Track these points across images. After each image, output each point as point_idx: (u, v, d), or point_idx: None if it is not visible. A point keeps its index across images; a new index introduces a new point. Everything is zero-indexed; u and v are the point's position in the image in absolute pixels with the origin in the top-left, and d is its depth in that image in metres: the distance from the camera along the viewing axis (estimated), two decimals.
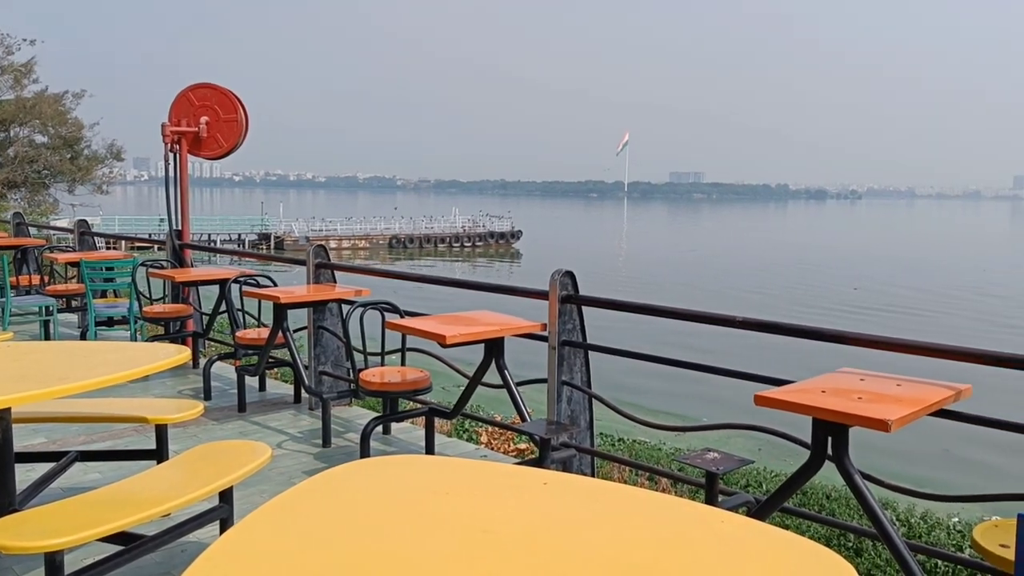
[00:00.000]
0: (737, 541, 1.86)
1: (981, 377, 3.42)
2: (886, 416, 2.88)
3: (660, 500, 2.14)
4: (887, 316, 24.12)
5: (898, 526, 7.10)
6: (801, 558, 1.78)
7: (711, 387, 12.02)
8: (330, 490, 2.18)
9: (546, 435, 4.19)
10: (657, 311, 4.49)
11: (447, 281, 5.96)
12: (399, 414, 5.43)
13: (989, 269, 41.52)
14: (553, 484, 2.20)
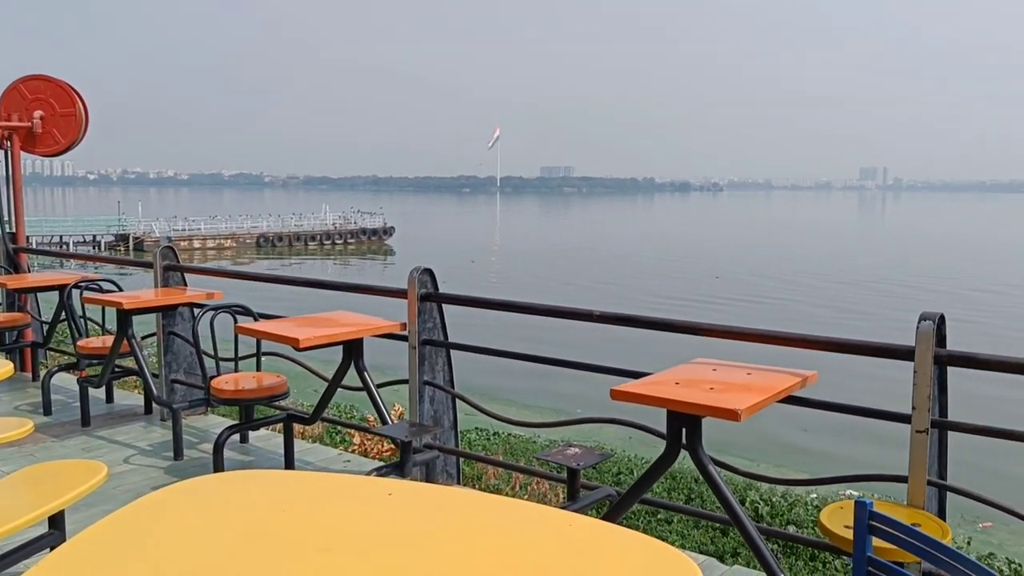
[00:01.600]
0: (585, 544, 1.82)
1: (826, 362, 3.54)
2: (736, 406, 2.92)
3: (508, 505, 2.07)
4: (746, 305, 25.11)
5: (762, 505, 7.37)
6: (647, 559, 1.75)
7: (582, 381, 12.22)
8: (161, 510, 2.02)
9: (407, 437, 4.08)
10: (516, 307, 4.45)
11: (302, 281, 5.75)
12: (255, 422, 5.20)
13: (839, 256, 43.89)
14: (399, 495, 2.10)
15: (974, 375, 3.23)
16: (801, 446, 11.64)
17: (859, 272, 35.52)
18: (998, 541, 8.41)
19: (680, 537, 6.34)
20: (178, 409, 5.32)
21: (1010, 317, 24.04)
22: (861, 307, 25.24)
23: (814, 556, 5.85)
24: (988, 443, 3.25)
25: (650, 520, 6.75)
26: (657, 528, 6.58)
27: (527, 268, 37.77)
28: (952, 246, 51.47)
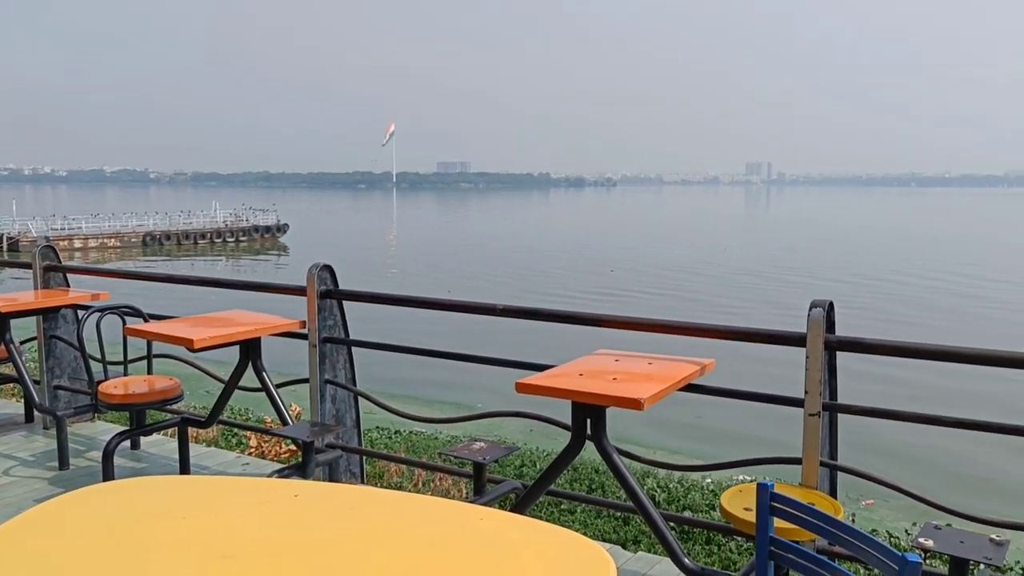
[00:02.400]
0: (497, 537, 1.81)
1: (722, 350, 3.64)
2: (639, 395, 2.97)
3: (418, 502, 2.05)
4: (640, 297, 25.64)
5: (659, 492, 7.53)
6: (560, 549, 1.76)
7: (486, 376, 12.22)
8: (47, 524, 1.91)
9: (309, 438, 4.00)
10: (418, 303, 4.42)
11: (196, 280, 5.56)
12: (147, 427, 5.00)
13: (730, 248, 45.33)
14: (304, 496, 2.05)
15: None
16: (697, 433, 11.95)
17: (745, 263, 36.74)
18: (879, 517, 8.82)
19: (583, 527, 6.42)
20: (62, 416, 5.06)
21: (888, 303, 25.27)
22: (750, 297, 26.10)
23: (709, 540, 6.01)
24: (881, 424, 3.40)
25: (553, 511, 6.81)
26: (561, 519, 6.65)
27: (427, 264, 37.61)
28: (833, 238, 53.77)
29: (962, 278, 30.63)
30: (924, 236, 54.70)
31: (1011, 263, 37.23)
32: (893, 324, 20.78)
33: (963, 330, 20.58)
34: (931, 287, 28.18)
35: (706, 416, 12.12)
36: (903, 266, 34.92)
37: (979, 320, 22.23)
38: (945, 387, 13.44)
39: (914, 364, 11.68)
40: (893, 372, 13.88)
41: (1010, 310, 23.78)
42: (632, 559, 3.98)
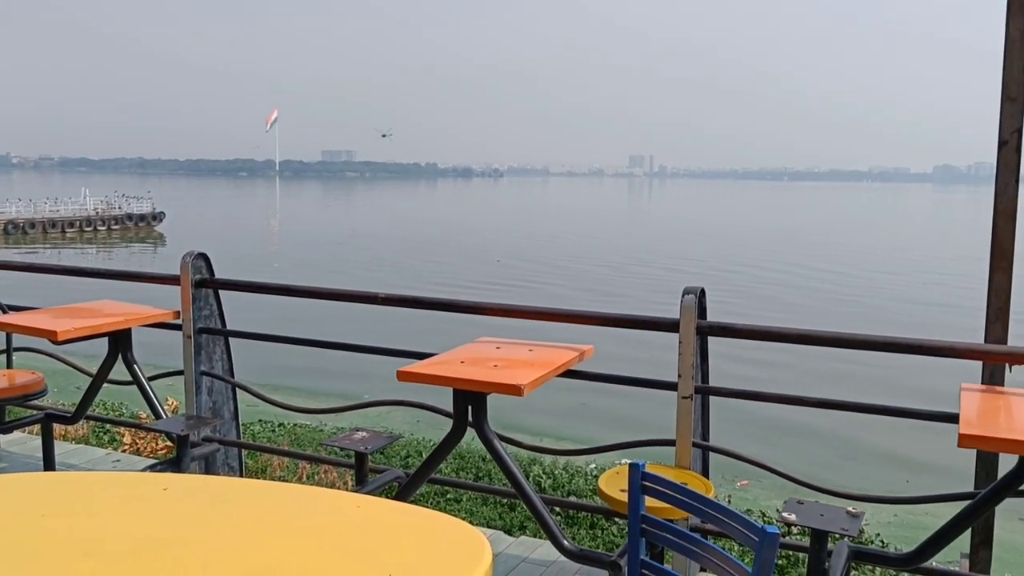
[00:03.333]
0: (374, 524, 1.81)
1: (600, 338, 3.72)
2: (519, 381, 3.01)
3: (292, 492, 2.02)
4: (526, 288, 25.90)
5: (544, 479, 7.64)
6: (436, 533, 1.77)
7: (370, 365, 12.06)
8: None
9: (183, 431, 3.87)
10: (298, 292, 4.34)
11: (60, 269, 5.29)
12: (7, 424, 4.73)
13: (611, 237, 46.29)
14: (174, 489, 1.99)
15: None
16: (584, 419, 12.18)
17: (628, 252, 37.62)
18: (753, 496, 9.20)
19: (469, 514, 6.46)
20: None
21: (753, 291, 26.33)
22: (631, 284, 26.73)
23: (594, 524, 6.14)
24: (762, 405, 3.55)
25: (439, 500, 6.82)
26: (446, 507, 6.66)
27: (311, 254, 36.90)
28: (708, 230, 55.57)
29: (815, 271, 32.14)
30: (790, 230, 57.15)
31: (858, 256, 39.29)
32: (765, 310, 21.67)
33: (821, 317, 21.59)
34: (792, 278, 29.50)
35: (591, 402, 12.36)
36: (766, 258, 36.38)
37: (837, 308, 23.39)
38: (823, 369, 14.08)
39: (798, 349, 12.25)
40: (779, 357, 14.42)
41: (862, 299, 25.07)
42: (514, 543, 4.03)
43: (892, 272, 31.06)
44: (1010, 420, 2.89)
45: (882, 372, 13.29)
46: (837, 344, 3.24)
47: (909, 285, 27.39)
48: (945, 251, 39.27)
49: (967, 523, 2.94)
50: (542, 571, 3.71)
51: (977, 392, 3.06)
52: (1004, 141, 3.02)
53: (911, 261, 35.63)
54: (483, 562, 1.61)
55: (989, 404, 2.95)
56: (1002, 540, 7.52)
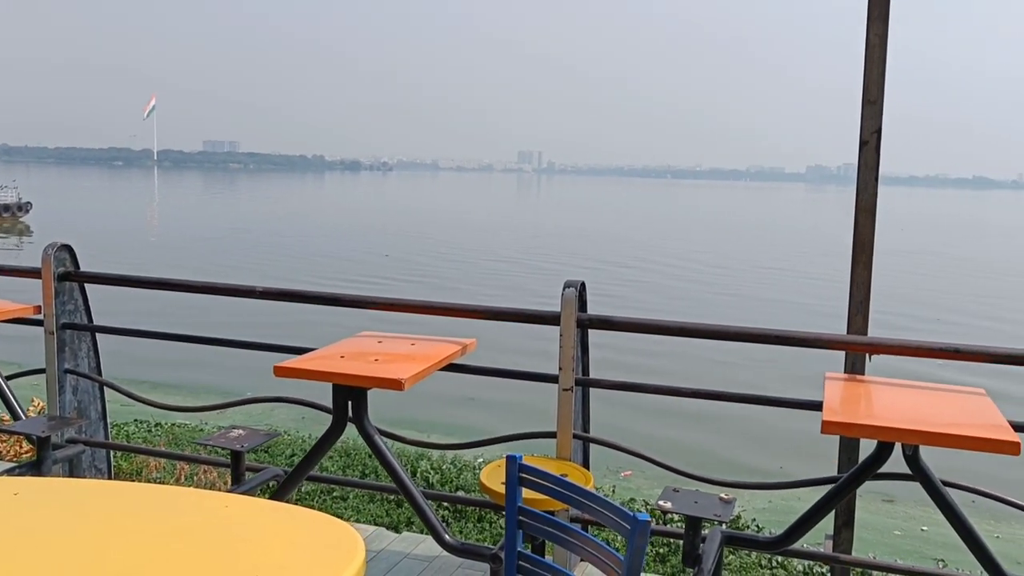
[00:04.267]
0: (242, 524, 1.75)
1: (483, 331, 3.73)
2: (400, 375, 2.98)
3: (156, 493, 1.94)
4: (414, 283, 25.75)
5: (432, 474, 7.61)
6: (308, 531, 1.73)
7: (251, 361, 11.70)
8: None
9: (44, 433, 3.66)
10: (172, 285, 4.17)
11: None
12: None
13: (501, 233, 46.50)
14: (27, 493, 1.88)
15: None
16: (471, 412, 12.19)
17: (516, 246, 37.91)
18: (636, 486, 9.42)
19: (356, 512, 6.38)
20: None
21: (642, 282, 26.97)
22: (518, 278, 26.94)
23: (482, 517, 6.16)
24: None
25: (325, 498, 6.71)
26: (333, 505, 6.56)
27: (190, 248, 35.64)
28: (596, 224, 56.56)
29: (699, 265, 33.17)
30: (676, 225, 58.80)
31: (735, 250, 40.74)
32: (649, 304, 22.21)
33: (697, 310, 22.28)
34: (673, 271, 30.33)
35: (480, 396, 12.39)
36: (649, 252, 37.28)
37: (709, 301, 24.19)
38: (734, 360, 14.47)
39: (694, 342, 12.57)
40: (675, 349, 14.74)
41: (731, 292, 25.98)
42: (397, 540, 3.99)
43: (767, 267, 32.32)
44: (870, 407, 3.04)
45: (770, 361, 13.80)
46: (712, 336, 3.34)
47: (781, 280, 28.54)
48: (811, 247, 41.09)
49: (830, 506, 3.07)
50: (424, 566, 3.69)
51: (840, 381, 3.20)
52: (864, 141, 3.18)
53: (783, 257, 37.14)
54: (355, 559, 1.59)
55: (851, 392, 3.10)
56: (864, 520, 7.95)
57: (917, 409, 2.86)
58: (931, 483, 2.89)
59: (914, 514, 8.42)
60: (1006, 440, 2.51)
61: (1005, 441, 2.51)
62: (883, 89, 3.17)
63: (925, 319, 19.90)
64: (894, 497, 8.84)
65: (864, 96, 3.18)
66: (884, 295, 21.76)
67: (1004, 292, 25.32)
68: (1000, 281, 28.17)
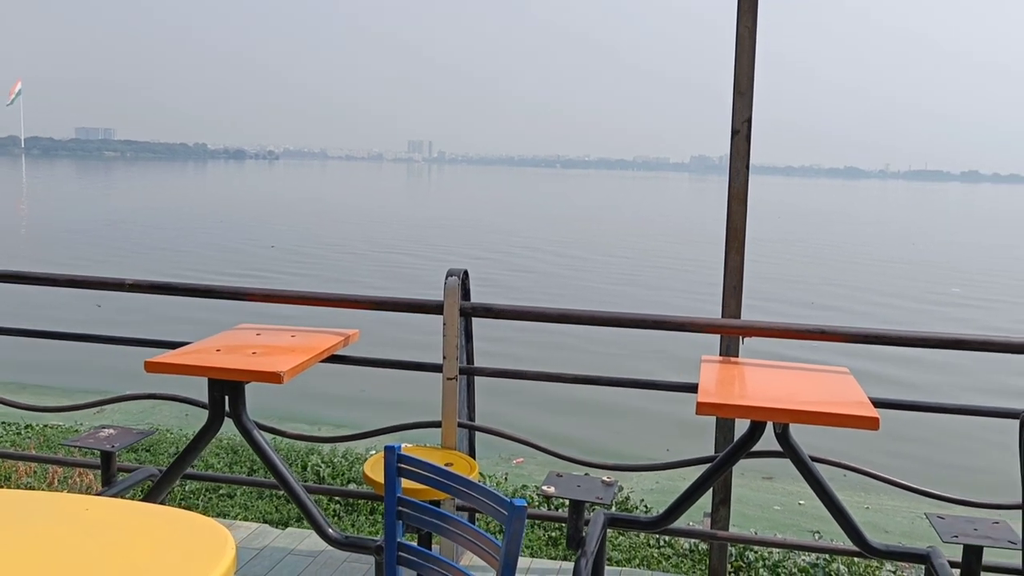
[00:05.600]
0: (104, 528, 1.67)
1: (368, 323, 3.68)
2: (278, 368, 2.91)
3: (5, 499, 1.83)
4: (302, 274, 25.25)
5: (323, 467, 7.49)
6: (176, 533, 1.67)
7: (123, 357, 11.22)
8: None
9: None
10: (34, 279, 3.95)
11: None
12: None
13: (390, 222, 46.08)
14: None
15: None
16: (360, 405, 12.05)
17: (406, 236, 37.64)
18: (528, 473, 9.51)
19: (243, 509, 6.22)
20: None
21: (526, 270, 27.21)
22: (407, 269, 26.75)
23: (373, 510, 6.10)
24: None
25: (211, 496, 6.51)
26: (219, 504, 6.37)
27: (63, 240, 33.90)
28: (485, 213, 56.73)
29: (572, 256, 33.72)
30: (563, 214, 59.52)
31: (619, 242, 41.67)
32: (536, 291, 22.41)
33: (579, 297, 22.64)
34: (557, 261, 30.74)
35: (372, 388, 12.25)
36: (536, 241, 37.62)
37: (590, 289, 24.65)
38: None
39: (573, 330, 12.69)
40: (566, 340, 14.89)
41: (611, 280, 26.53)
42: (281, 536, 3.91)
43: (651, 256, 33.13)
44: (743, 388, 3.15)
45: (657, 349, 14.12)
46: (592, 322, 3.39)
47: (663, 267, 29.29)
48: (692, 234, 42.32)
49: (708, 484, 3.17)
50: (309, 562, 3.63)
51: (715, 363, 3.31)
52: (736, 131, 3.28)
53: (666, 245, 38.13)
54: (224, 559, 1.54)
55: (725, 374, 3.20)
56: (746, 497, 8.25)
57: (786, 389, 2.98)
58: (800, 459, 3.01)
59: (792, 489, 8.79)
60: (867, 416, 2.65)
61: (866, 417, 2.65)
62: (753, 80, 3.28)
63: (800, 303, 20.78)
64: (773, 474, 9.21)
65: (735, 87, 3.28)
66: (761, 280, 22.67)
67: (871, 278, 26.70)
68: (869, 268, 29.71)
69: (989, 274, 28.09)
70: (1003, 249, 37.82)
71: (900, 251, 36.29)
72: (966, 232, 50.00)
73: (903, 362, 13.00)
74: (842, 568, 5.08)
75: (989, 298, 22.43)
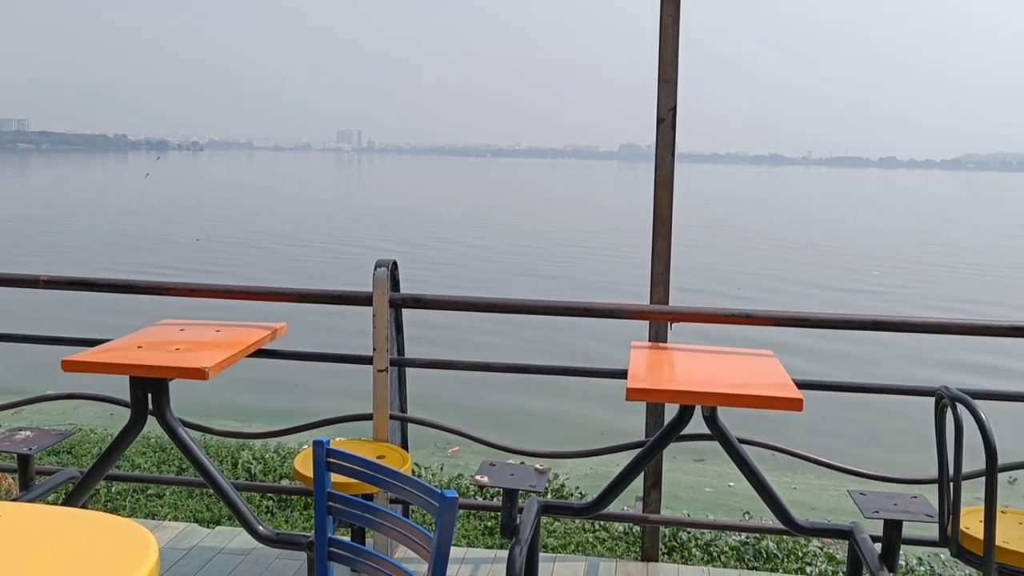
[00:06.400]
0: (17, 534, 1.61)
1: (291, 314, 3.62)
2: (202, 364, 2.84)
3: None
4: (230, 269, 24.76)
5: (254, 464, 7.37)
6: (95, 536, 1.61)
7: (41, 357, 10.81)
8: None
9: None
10: None
11: None
12: None
13: (322, 215, 45.48)
14: None
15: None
16: (293, 399, 11.87)
17: (336, 228, 37.19)
18: (464, 463, 9.51)
19: (173, 509, 6.08)
20: None
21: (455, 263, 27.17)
22: (336, 262, 26.44)
23: (308, 505, 6.02)
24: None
25: (139, 496, 6.36)
26: (148, 504, 6.22)
27: None
28: (417, 204, 56.39)
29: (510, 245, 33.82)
30: (492, 203, 59.53)
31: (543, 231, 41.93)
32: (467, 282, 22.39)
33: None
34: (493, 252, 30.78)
35: (306, 382, 12.07)
36: (465, 232, 37.57)
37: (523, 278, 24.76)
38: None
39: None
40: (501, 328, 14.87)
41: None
42: (211, 535, 3.84)
43: (580, 244, 33.38)
44: (672, 373, 3.19)
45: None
46: (523, 311, 3.39)
47: (592, 255, 29.53)
48: (622, 222, 42.73)
49: (639, 469, 3.21)
50: (240, 560, 3.56)
51: (645, 349, 3.35)
52: (661, 119, 3.32)
53: (596, 233, 38.45)
54: (146, 561, 1.50)
55: (654, 359, 3.24)
56: (678, 480, 8.39)
57: (713, 373, 3.03)
58: (728, 441, 3.07)
59: (723, 471, 8.97)
60: (790, 397, 2.71)
61: (789, 398, 2.71)
62: (677, 69, 3.31)
63: (729, 286, 21.18)
64: (705, 457, 9.39)
65: (660, 75, 3.31)
66: (690, 266, 23.04)
67: (796, 263, 27.38)
68: (794, 253, 30.44)
69: (906, 258, 29.08)
70: (918, 235, 39.15)
71: (823, 236, 37.31)
72: (885, 218, 51.65)
73: (828, 342, 13.37)
74: (771, 546, 5.21)
75: (905, 283, 23.22)
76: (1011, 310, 18.22)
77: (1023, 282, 23.42)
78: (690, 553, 5.21)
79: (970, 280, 23.72)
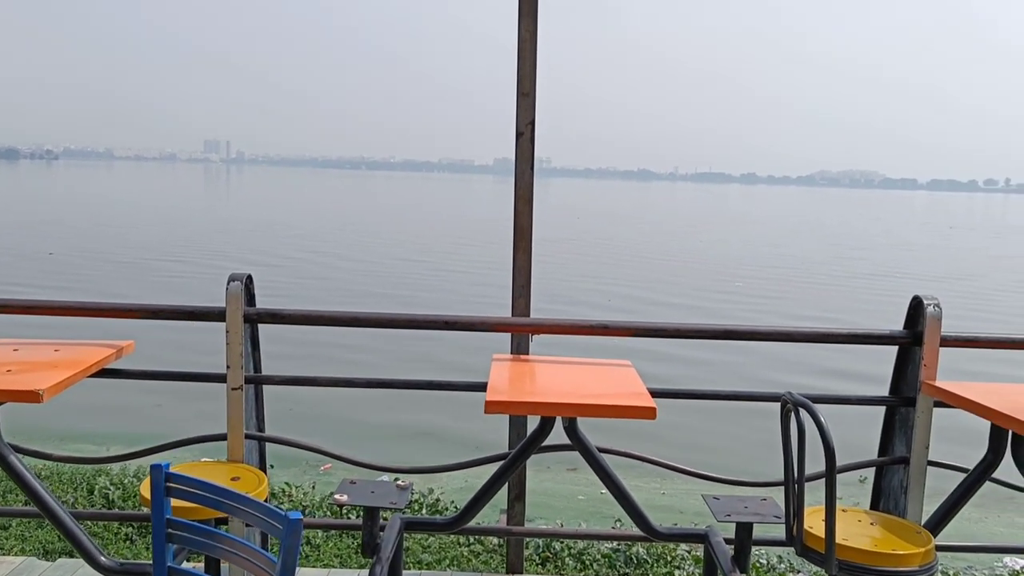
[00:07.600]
0: None
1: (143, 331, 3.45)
2: (37, 387, 2.66)
3: None
4: (84, 288, 23.51)
5: (113, 490, 6.98)
6: None
7: None
8: None
9: None
10: None
11: None
12: None
13: (185, 228, 43.82)
14: None
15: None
16: (153, 421, 11.35)
17: (200, 242, 35.93)
18: (337, 479, 9.29)
19: (20, 541, 5.69)
20: None
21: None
22: (197, 277, 25.53)
23: None
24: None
25: None
26: None
27: None
28: (283, 217, 55.15)
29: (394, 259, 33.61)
30: (362, 217, 58.90)
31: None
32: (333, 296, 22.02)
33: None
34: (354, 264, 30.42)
35: (168, 402, 11.56)
36: (329, 246, 36.99)
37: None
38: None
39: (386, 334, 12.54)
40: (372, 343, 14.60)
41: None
42: (51, 568, 3.60)
43: (448, 258, 33.42)
44: (532, 385, 3.21)
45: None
46: (383, 325, 3.35)
47: (460, 268, 29.60)
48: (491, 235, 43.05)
49: (501, 481, 3.21)
50: None
51: (506, 361, 3.35)
52: (520, 133, 3.34)
53: (464, 246, 38.58)
54: None
55: (515, 371, 3.25)
56: (551, 490, 8.46)
57: (572, 384, 3.07)
58: (588, 451, 3.11)
59: (595, 480, 9.13)
60: (645, 406, 2.77)
61: (644, 407, 2.77)
62: (535, 82, 3.35)
63: (598, 301, 21.62)
64: (578, 466, 9.52)
65: (518, 89, 3.33)
66: (559, 279, 23.42)
67: (663, 274, 28.27)
68: (662, 265, 31.42)
69: (764, 269, 30.49)
70: (773, 247, 41.12)
71: (689, 248, 38.71)
72: (745, 230, 54.06)
73: (690, 351, 13.82)
74: (641, 551, 5.32)
75: (765, 293, 24.33)
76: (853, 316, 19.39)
77: (860, 292, 24.97)
78: (563, 562, 5.27)
79: (819, 290, 25.16)
